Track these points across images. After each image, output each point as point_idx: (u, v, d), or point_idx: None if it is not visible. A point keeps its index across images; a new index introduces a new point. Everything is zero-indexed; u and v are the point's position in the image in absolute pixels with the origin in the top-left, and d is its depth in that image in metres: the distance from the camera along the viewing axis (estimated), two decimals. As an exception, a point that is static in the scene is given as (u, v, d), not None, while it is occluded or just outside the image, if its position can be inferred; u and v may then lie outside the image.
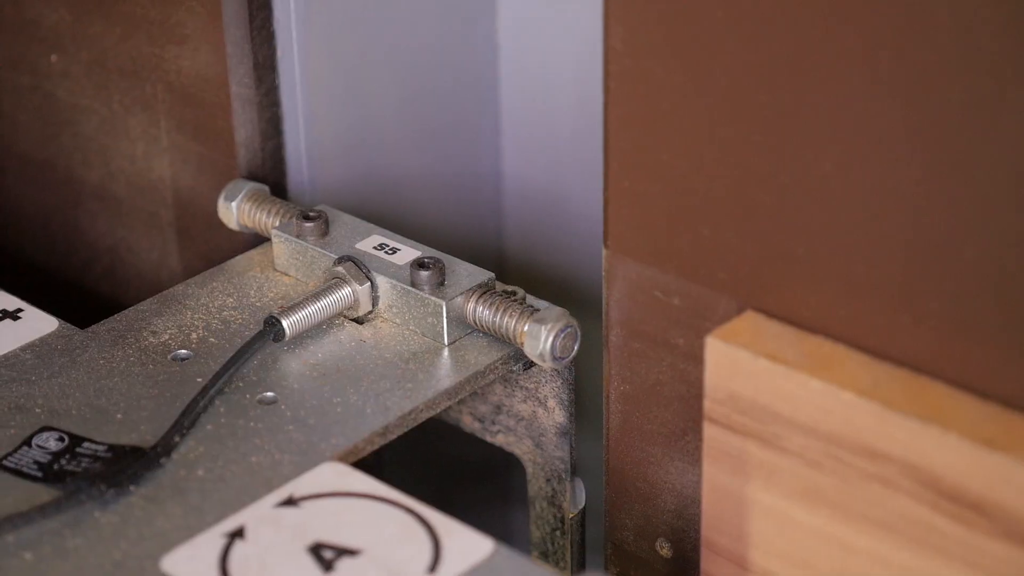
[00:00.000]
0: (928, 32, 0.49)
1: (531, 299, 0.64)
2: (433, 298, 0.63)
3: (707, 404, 0.56)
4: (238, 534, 0.54)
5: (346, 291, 0.64)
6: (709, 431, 0.56)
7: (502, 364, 0.63)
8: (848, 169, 0.51)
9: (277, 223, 0.68)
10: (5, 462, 0.57)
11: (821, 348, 0.54)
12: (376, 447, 0.59)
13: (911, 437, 0.51)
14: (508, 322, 0.62)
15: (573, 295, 0.79)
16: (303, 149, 0.72)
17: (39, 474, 0.57)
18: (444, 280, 0.63)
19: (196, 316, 0.65)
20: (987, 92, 0.48)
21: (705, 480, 0.57)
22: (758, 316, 0.55)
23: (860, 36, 0.50)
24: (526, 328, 0.61)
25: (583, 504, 0.66)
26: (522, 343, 0.61)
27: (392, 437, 0.60)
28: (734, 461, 0.56)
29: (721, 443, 0.56)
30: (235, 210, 0.69)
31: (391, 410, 0.60)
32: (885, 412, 0.51)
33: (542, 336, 0.60)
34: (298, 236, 0.66)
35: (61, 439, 0.58)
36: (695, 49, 0.54)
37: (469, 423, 0.68)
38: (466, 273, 0.64)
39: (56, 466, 0.57)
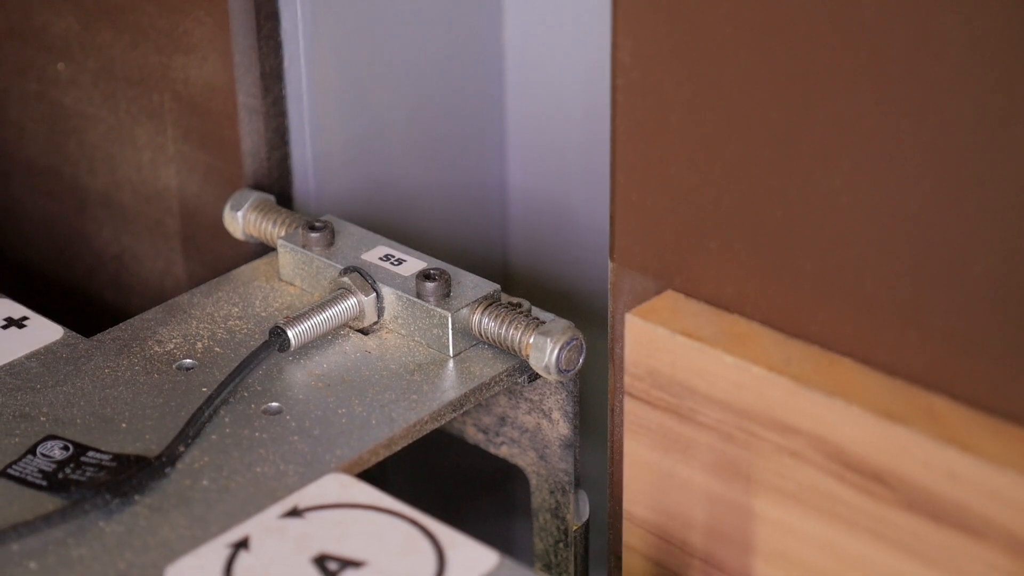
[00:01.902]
0: (938, 47, 0.49)
1: (537, 311, 0.64)
2: (439, 309, 0.63)
3: (627, 380, 0.57)
4: (242, 545, 0.54)
5: (352, 302, 0.64)
6: (629, 406, 0.58)
7: (507, 376, 0.63)
8: (857, 184, 0.51)
9: (283, 233, 0.68)
10: (10, 471, 0.57)
11: (736, 325, 0.55)
12: (381, 458, 0.59)
13: (818, 410, 0.53)
14: (514, 334, 0.62)
15: (578, 307, 0.79)
16: (309, 159, 0.72)
17: (44, 483, 0.57)
18: (450, 292, 0.63)
19: (201, 326, 0.65)
20: (996, 107, 0.48)
21: (626, 454, 0.59)
22: (678, 295, 0.57)
23: (870, 50, 0.50)
24: (532, 340, 0.61)
25: (587, 516, 0.66)
26: (527, 355, 0.61)
27: (397, 448, 0.60)
28: (653, 435, 0.57)
29: (640, 418, 0.58)
30: (241, 220, 0.69)
31: (396, 421, 0.60)
32: (794, 386, 0.53)
33: (547, 348, 0.60)
34: (304, 246, 0.66)
35: (66, 448, 0.58)
36: (704, 63, 0.54)
37: (473, 434, 0.68)
38: (472, 285, 0.64)
39: (61, 475, 0.57)
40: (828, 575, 0.55)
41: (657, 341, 0.56)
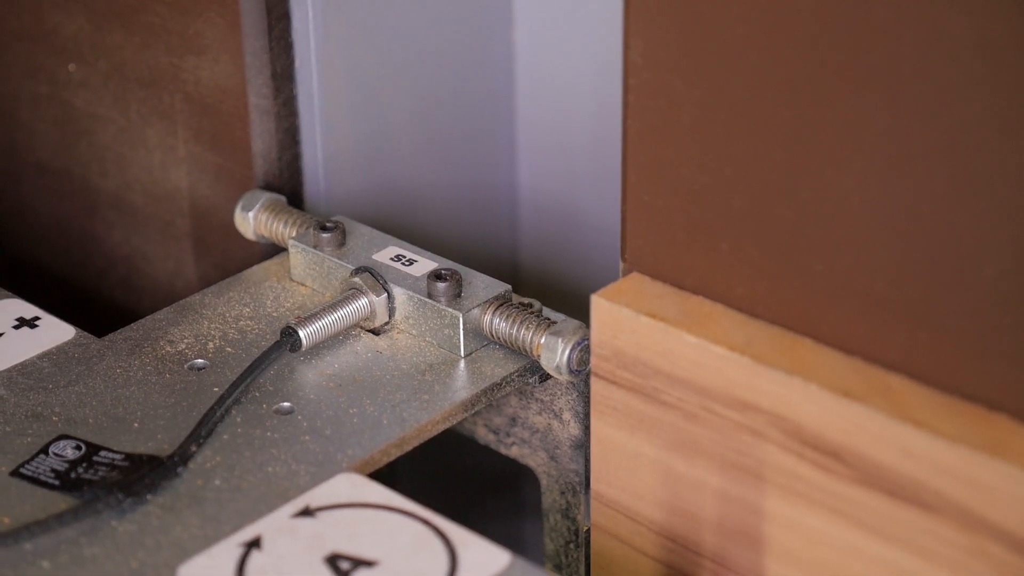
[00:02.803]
0: (949, 47, 0.49)
1: (548, 311, 0.64)
2: (450, 310, 0.63)
3: (593, 360, 0.58)
4: (255, 544, 0.54)
5: (363, 302, 0.64)
6: (596, 386, 0.59)
7: (518, 376, 0.63)
8: (868, 185, 0.52)
9: (294, 233, 0.68)
10: (22, 470, 0.58)
11: (700, 307, 0.56)
12: (392, 458, 0.59)
13: (777, 389, 0.54)
14: (525, 334, 0.62)
15: (588, 307, 0.79)
16: (320, 160, 0.72)
17: (56, 482, 0.57)
18: (461, 292, 0.63)
19: (213, 326, 0.65)
20: (1006, 109, 0.48)
21: (593, 434, 0.60)
22: (643, 277, 0.58)
23: (881, 51, 0.50)
24: (543, 341, 0.61)
25: (597, 517, 0.66)
26: (538, 355, 0.62)
27: (408, 448, 0.60)
28: (619, 415, 0.58)
29: (607, 398, 0.59)
30: (252, 220, 0.69)
31: (407, 421, 0.60)
32: (754, 365, 0.54)
33: (559, 349, 0.61)
34: (315, 247, 0.67)
35: (78, 447, 0.58)
36: (715, 64, 0.54)
37: (484, 435, 0.68)
38: (483, 285, 0.64)
39: (73, 474, 0.57)
40: (787, 551, 0.56)
41: (622, 322, 0.57)
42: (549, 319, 0.62)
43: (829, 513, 0.54)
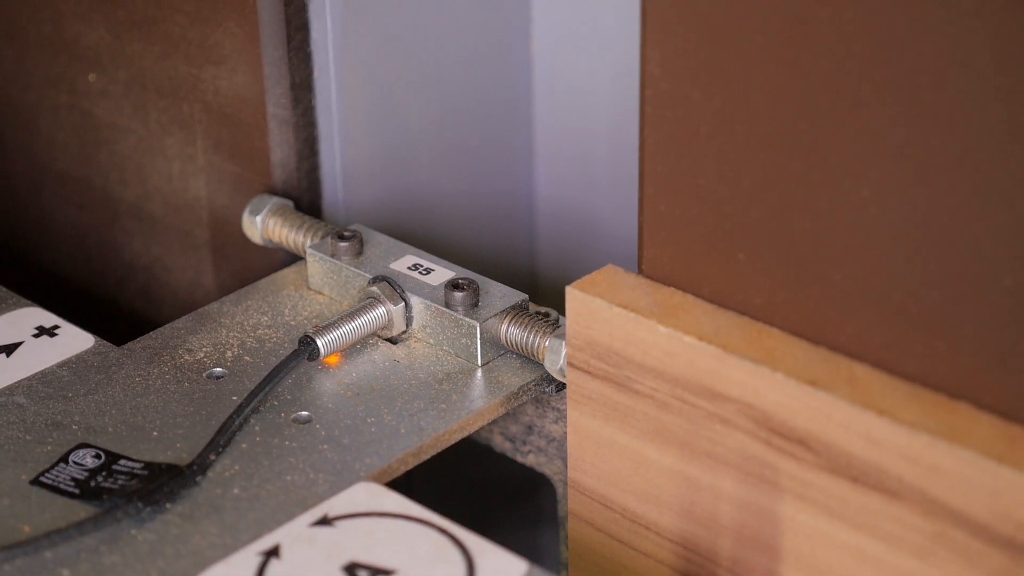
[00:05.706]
0: (968, 57, 0.49)
1: (563, 320, 0.64)
2: (467, 319, 0.63)
3: (569, 351, 0.59)
4: (273, 553, 0.54)
5: (380, 311, 0.64)
6: (571, 376, 0.60)
7: (535, 385, 0.63)
8: (887, 196, 0.52)
9: (310, 241, 0.68)
10: (42, 478, 0.58)
11: (671, 298, 0.57)
12: (409, 467, 0.60)
13: (746, 377, 0.54)
14: (533, 340, 0.62)
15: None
16: (338, 169, 0.72)
17: (76, 491, 0.57)
18: (478, 301, 0.64)
19: (231, 334, 0.66)
20: None
21: (569, 423, 0.60)
22: (617, 269, 0.59)
23: (900, 61, 0.50)
24: (547, 343, 0.61)
25: (614, 526, 0.67)
26: (544, 359, 0.62)
27: (425, 457, 0.60)
28: (594, 404, 0.59)
29: (582, 388, 0.59)
30: (259, 224, 0.69)
31: (425, 430, 0.60)
32: (723, 355, 0.55)
33: (562, 351, 0.61)
34: (333, 255, 0.67)
35: (98, 456, 0.59)
36: (733, 74, 0.54)
37: (500, 443, 0.68)
38: (500, 294, 0.64)
39: (93, 483, 0.57)
40: (756, 537, 0.56)
41: (595, 312, 0.58)
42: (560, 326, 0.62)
43: (796, 499, 0.55)
